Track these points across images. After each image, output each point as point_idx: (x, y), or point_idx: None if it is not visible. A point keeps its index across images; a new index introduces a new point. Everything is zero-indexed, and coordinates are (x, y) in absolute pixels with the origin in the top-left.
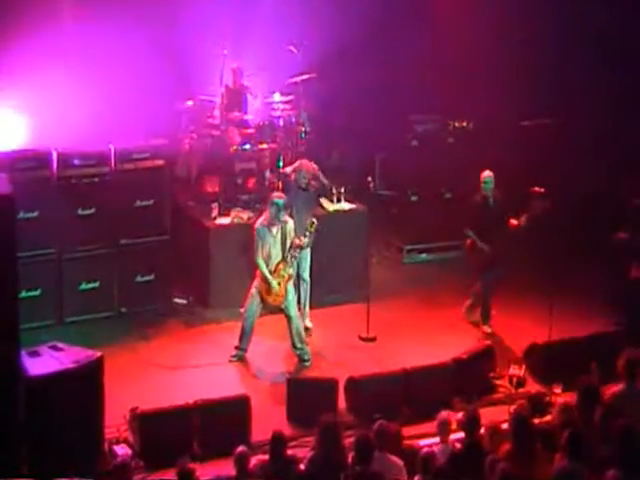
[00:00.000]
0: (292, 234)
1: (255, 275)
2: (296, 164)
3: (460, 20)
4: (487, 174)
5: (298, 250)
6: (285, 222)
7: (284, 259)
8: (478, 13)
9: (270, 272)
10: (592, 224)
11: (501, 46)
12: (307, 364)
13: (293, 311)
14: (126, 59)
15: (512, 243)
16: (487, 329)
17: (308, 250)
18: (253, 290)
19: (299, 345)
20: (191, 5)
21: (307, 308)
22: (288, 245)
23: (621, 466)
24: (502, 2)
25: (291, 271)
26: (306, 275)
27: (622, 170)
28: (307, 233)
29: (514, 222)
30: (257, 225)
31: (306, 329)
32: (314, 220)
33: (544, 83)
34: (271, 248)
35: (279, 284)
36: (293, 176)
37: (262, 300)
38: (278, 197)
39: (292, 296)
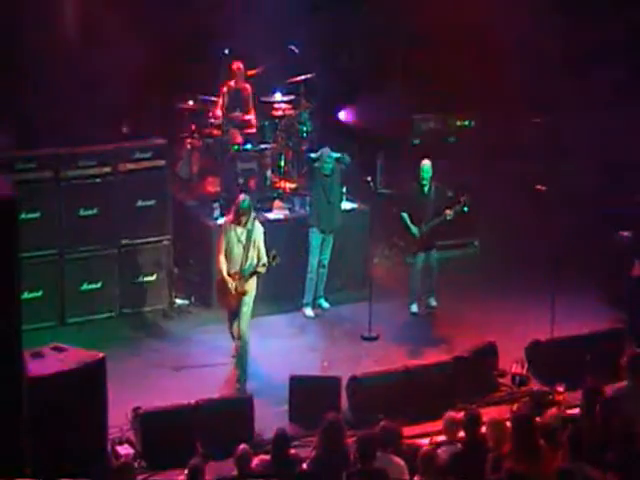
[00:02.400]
0: (261, 246)
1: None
2: (319, 152)
3: (461, 18)
4: (425, 163)
5: (258, 274)
6: (252, 228)
7: (242, 273)
8: (479, 10)
9: (228, 274)
10: (593, 222)
11: (502, 45)
12: (239, 385)
13: (244, 325)
14: (127, 59)
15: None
16: (434, 302)
17: (331, 238)
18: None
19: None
20: (192, 4)
21: (322, 291)
22: (251, 254)
23: (622, 464)
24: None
25: (247, 288)
26: (326, 263)
27: (623, 168)
28: (268, 265)
29: (447, 212)
30: (224, 220)
31: (323, 309)
32: (275, 254)
33: (544, 82)
34: (233, 247)
35: (234, 290)
36: (318, 164)
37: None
38: (243, 199)
39: (247, 309)
